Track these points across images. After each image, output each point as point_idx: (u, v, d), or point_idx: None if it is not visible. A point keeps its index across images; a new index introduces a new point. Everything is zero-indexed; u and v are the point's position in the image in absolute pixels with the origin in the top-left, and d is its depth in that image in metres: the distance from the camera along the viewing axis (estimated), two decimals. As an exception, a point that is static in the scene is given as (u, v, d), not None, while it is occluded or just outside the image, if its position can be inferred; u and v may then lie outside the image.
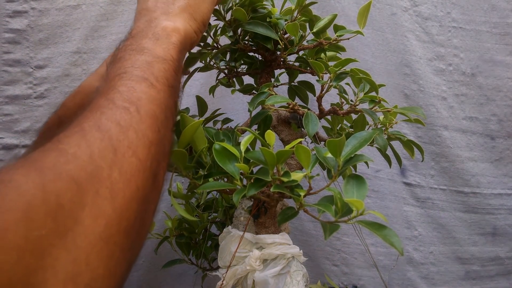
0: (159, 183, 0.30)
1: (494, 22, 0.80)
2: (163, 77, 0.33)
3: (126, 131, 0.28)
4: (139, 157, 0.28)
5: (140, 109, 0.30)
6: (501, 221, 0.83)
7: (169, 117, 0.33)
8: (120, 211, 0.25)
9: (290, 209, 0.38)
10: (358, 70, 0.42)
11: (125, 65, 0.33)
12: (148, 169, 0.28)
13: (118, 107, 0.29)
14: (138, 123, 0.29)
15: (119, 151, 0.27)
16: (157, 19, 0.37)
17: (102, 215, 0.24)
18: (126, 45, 0.35)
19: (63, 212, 0.22)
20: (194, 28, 0.38)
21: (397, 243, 0.30)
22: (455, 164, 0.81)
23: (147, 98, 0.31)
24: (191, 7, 0.38)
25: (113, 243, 0.25)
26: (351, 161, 0.34)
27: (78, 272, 0.22)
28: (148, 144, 0.29)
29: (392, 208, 0.81)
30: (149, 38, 0.35)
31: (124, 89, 0.30)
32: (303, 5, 0.45)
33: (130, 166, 0.27)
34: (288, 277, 0.44)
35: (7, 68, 0.65)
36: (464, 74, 0.81)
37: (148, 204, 0.29)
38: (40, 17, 0.66)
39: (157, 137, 0.30)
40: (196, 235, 0.59)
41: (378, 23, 0.79)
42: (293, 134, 0.50)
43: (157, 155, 0.30)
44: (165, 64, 0.34)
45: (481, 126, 0.82)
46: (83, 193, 0.24)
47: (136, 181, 0.27)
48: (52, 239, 0.22)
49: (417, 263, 0.82)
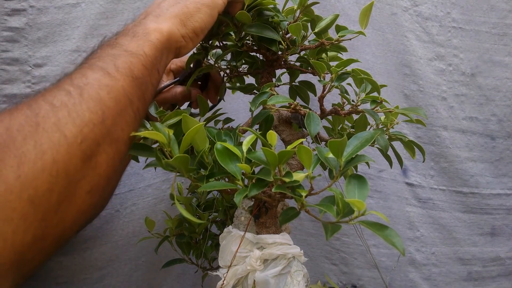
0: (97, 165, 0.31)
1: (493, 23, 0.81)
2: (126, 68, 0.34)
3: (57, 110, 0.29)
4: (65, 133, 0.29)
5: (83, 93, 0.31)
6: (499, 221, 0.83)
7: (125, 104, 0.33)
8: (24, 179, 0.26)
9: (292, 210, 0.38)
10: (359, 70, 0.42)
11: (91, 58, 0.35)
12: (76, 145, 0.29)
13: (60, 90, 0.31)
14: (75, 104, 0.30)
15: (41, 126, 0.28)
16: (146, 20, 0.38)
17: (3, 180, 0.26)
18: (106, 42, 0.37)
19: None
20: (182, 33, 0.39)
21: (399, 244, 0.30)
22: (454, 164, 0.81)
23: (97, 84, 0.32)
24: (183, 14, 0.39)
25: (10, 209, 0.26)
26: (352, 161, 0.34)
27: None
28: (81, 124, 0.30)
29: (395, 208, 0.81)
30: (127, 36, 0.37)
31: (77, 75, 0.32)
32: (305, 5, 0.45)
33: (50, 140, 0.28)
34: (288, 277, 0.44)
35: (5, 67, 0.65)
36: (464, 74, 0.81)
37: (74, 180, 0.29)
38: (39, 15, 0.65)
39: (97, 118, 0.31)
40: (196, 234, 0.59)
41: (379, 23, 0.79)
42: (295, 134, 0.50)
43: (95, 135, 0.31)
44: (133, 57, 0.35)
45: (481, 126, 0.82)
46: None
47: (54, 154, 0.28)
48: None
49: (419, 264, 0.82)
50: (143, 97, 0.36)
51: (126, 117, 0.33)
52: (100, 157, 0.31)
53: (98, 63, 0.34)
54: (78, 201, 0.30)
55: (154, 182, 0.72)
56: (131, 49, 0.35)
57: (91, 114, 0.30)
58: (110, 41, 0.37)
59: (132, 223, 0.70)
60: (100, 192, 0.32)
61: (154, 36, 0.37)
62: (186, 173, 0.35)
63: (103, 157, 0.31)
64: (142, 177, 0.71)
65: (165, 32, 0.38)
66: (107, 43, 0.36)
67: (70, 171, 0.29)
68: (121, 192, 0.70)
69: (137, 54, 0.35)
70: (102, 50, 0.35)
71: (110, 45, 0.36)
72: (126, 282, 0.71)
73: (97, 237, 0.68)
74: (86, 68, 0.33)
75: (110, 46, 0.36)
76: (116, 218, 0.69)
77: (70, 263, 0.66)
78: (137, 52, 0.35)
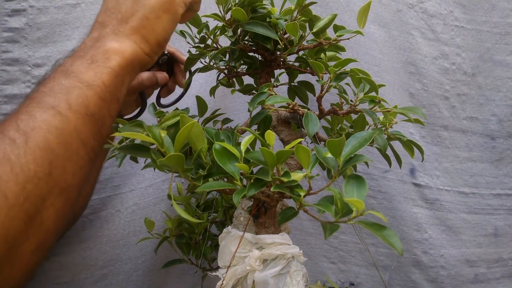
0: (43, 222, 0.28)
1: (495, 22, 0.80)
2: (80, 105, 0.31)
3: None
4: (6, 194, 0.26)
5: (29, 140, 0.28)
6: (501, 222, 0.82)
7: (77, 147, 0.30)
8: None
9: (290, 209, 0.38)
10: (358, 70, 0.42)
11: (43, 88, 0.31)
12: (17, 207, 0.26)
13: (5, 137, 0.27)
14: (19, 156, 0.27)
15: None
16: (105, 38, 0.35)
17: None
18: (61, 63, 0.33)
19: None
20: (146, 50, 0.36)
21: (397, 244, 0.30)
22: (454, 165, 0.81)
23: (46, 127, 0.29)
24: (144, 28, 0.36)
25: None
26: (351, 161, 0.34)
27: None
28: (24, 180, 0.27)
29: (400, 210, 0.80)
30: (85, 60, 0.33)
31: (24, 117, 0.29)
32: (303, 5, 0.45)
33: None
34: (288, 277, 0.44)
35: (5, 67, 0.65)
36: (466, 73, 0.80)
37: (16, 244, 0.27)
38: (39, 15, 0.66)
39: (43, 171, 0.28)
40: (196, 235, 0.59)
41: (384, 20, 0.77)
42: (293, 134, 0.50)
43: (40, 191, 0.27)
44: (89, 90, 0.32)
45: (481, 126, 0.81)
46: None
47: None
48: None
49: (425, 266, 0.81)
50: (99, 134, 0.33)
51: (78, 161, 0.30)
52: (46, 213, 0.28)
53: (48, 99, 0.30)
54: (22, 264, 0.27)
55: (155, 182, 0.72)
56: (87, 80, 0.32)
57: (37, 167, 0.27)
58: (65, 67, 0.33)
59: (133, 223, 0.71)
60: (48, 245, 0.29)
61: (114, 61, 0.33)
62: (183, 173, 0.35)
63: (50, 211, 0.28)
64: (143, 177, 0.71)
65: (127, 55, 0.34)
66: (61, 69, 0.33)
67: (10, 236, 0.26)
68: (122, 192, 0.70)
69: (94, 85, 0.32)
70: (55, 80, 0.32)
71: (64, 74, 0.32)
72: (126, 282, 0.71)
73: (97, 236, 0.68)
74: (35, 105, 0.30)
75: (64, 74, 0.32)
76: (117, 218, 0.69)
77: (70, 263, 0.67)
78: (94, 82, 0.32)
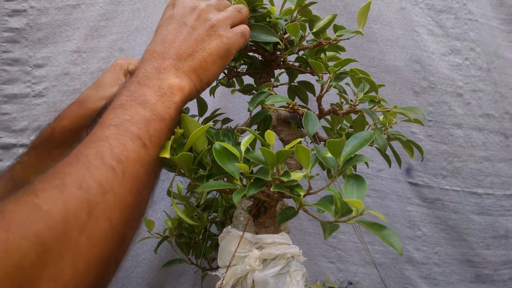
0: (126, 245, 0.30)
1: (501, 19, 0.78)
2: (157, 137, 0.33)
3: (106, 194, 0.28)
4: (112, 222, 0.28)
5: (125, 170, 0.30)
6: (511, 223, 0.81)
7: (152, 178, 0.33)
8: (79, 276, 0.25)
9: (290, 209, 0.38)
10: (357, 70, 0.42)
11: (123, 116, 0.33)
12: (117, 233, 0.28)
13: (105, 165, 0.29)
14: (119, 186, 0.29)
15: (94, 214, 0.27)
16: (166, 71, 0.37)
17: (60, 280, 0.24)
18: (131, 90, 0.35)
19: (22, 274, 0.22)
20: (198, 88, 0.39)
21: (397, 244, 0.30)
22: (468, 164, 0.78)
23: (136, 158, 0.31)
24: (201, 69, 0.39)
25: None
26: (351, 161, 0.34)
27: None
28: (124, 209, 0.29)
29: (393, 207, 0.80)
30: (154, 91, 0.35)
31: (115, 144, 0.30)
32: (303, 5, 0.45)
33: (100, 230, 0.27)
34: (287, 277, 0.44)
35: (6, 67, 0.65)
36: (481, 69, 0.77)
37: (110, 266, 0.29)
38: (39, 16, 0.66)
39: (135, 200, 0.30)
40: (195, 235, 0.59)
41: (387, 18, 0.76)
42: (293, 134, 0.50)
43: (131, 219, 0.30)
44: (162, 123, 0.34)
45: (497, 124, 0.79)
46: (47, 254, 0.24)
47: (102, 246, 0.27)
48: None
49: (417, 262, 0.81)
50: (160, 164, 0.35)
51: (149, 191, 0.33)
52: (128, 238, 0.31)
53: (134, 129, 0.32)
54: (107, 281, 0.30)
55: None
56: (160, 112, 0.34)
57: (132, 197, 0.30)
58: (136, 94, 0.34)
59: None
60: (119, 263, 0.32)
61: (178, 96, 0.36)
62: (188, 172, 0.35)
63: (131, 236, 0.31)
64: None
65: (186, 92, 0.37)
66: (134, 95, 0.34)
67: (110, 258, 0.28)
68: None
69: (165, 118, 0.34)
70: (133, 108, 0.33)
71: (138, 102, 0.34)
72: (127, 278, 0.71)
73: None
74: (123, 133, 0.31)
75: (139, 103, 0.34)
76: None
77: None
78: (165, 116, 0.34)
